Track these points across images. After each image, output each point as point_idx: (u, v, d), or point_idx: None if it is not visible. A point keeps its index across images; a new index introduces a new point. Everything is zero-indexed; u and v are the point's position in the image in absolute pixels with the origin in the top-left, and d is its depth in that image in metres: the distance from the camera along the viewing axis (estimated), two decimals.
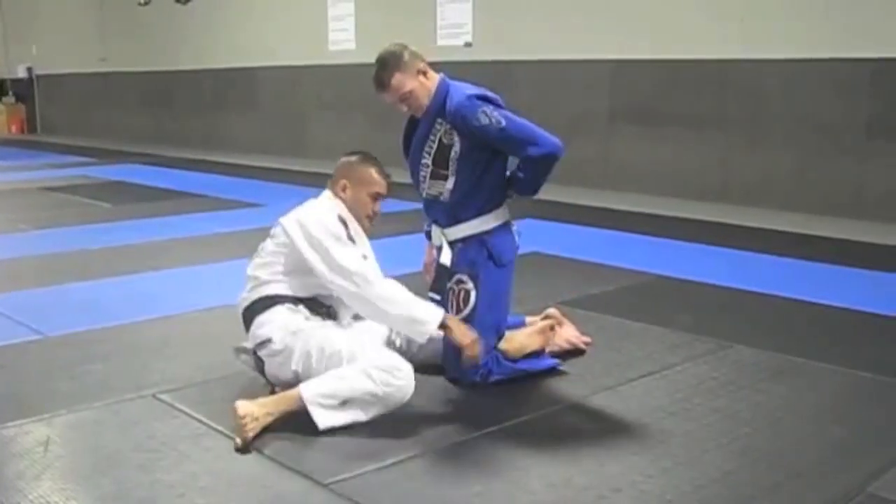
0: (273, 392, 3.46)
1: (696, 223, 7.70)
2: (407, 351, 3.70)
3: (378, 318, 3.51)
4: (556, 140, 3.68)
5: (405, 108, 3.79)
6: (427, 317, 3.41)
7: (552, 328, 3.94)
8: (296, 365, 3.42)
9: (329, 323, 3.55)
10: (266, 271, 3.55)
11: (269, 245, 3.61)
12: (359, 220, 3.66)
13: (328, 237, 3.44)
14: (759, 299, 5.18)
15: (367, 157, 3.73)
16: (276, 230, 3.62)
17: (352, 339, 3.44)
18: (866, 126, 7.73)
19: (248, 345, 3.56)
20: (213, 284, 5.55)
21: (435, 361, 3.76)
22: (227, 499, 2.82)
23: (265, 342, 3.47)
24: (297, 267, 3.50)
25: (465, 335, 3.46)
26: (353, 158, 3.73)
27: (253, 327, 3.52)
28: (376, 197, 3.68)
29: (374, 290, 3.40)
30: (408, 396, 3.32)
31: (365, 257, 3.54)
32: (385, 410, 3.29)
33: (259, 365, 3.56)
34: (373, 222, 3.72)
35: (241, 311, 3.60)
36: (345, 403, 3.25)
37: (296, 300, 3.51)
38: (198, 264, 6.19)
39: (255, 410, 3.18)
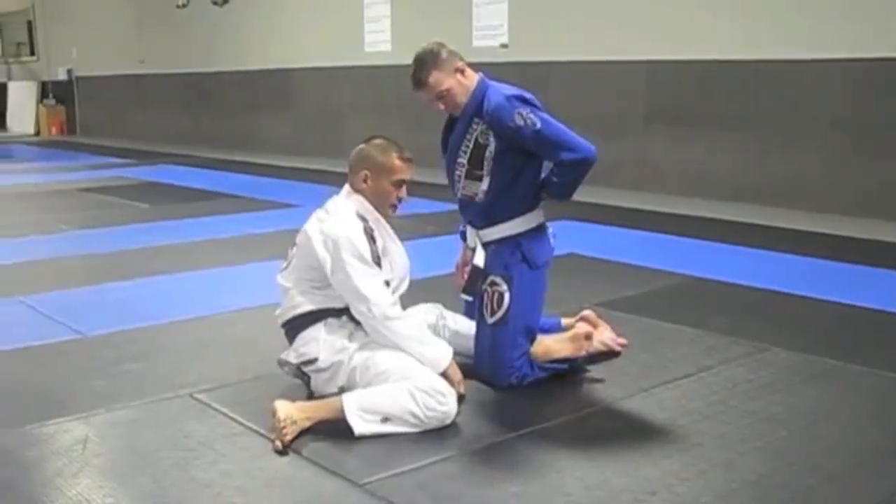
0: (312, 395, 3.48)
1: (731, 224, 7.64)
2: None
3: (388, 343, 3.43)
4: (590, 146, 3.63)
5: (442, 107, 3.76)
6: (433, 358, 3.40)
7: (588, 337, 3.82)
8: (341, 381, 3.40)
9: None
10: (301, 284, 3.48)
11: (296, 256, 3.52)
12: (383, 210, 3.54)
13: (354, 259, 3.34)
14: (794, 301, 5.14)
15: (384, 143, 3.56)
16: (301, 240, 3.51)
17: (399, 358, 3.36)
18: None
19: (293, 359, 3.51)
20: (249, 285, 5.56)
21: (465, 359, 3.73)
22: (262, 498, 2.84)
23: (310, 361, 3.45)
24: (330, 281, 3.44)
25: (456, 378, 3.45)
26: (371, 146, 3.55)
27: (297, 343, 3.49)
28: (400, 184, 3.53)
29: (388, 325, 3.36)
30: (449, 421, 3.29)
31: (388, 283, 3.44)
32: (423, 430, 3.25)
33: (304, 378, 3.53)
34: (398, 209, 3.60)
35: (281, 323, 3.56)
36: (385, 420, 3.21)
37: (338, 312, 3.46)
38: (234, 265, 6.23)
39: (295, 414, 3.18)
